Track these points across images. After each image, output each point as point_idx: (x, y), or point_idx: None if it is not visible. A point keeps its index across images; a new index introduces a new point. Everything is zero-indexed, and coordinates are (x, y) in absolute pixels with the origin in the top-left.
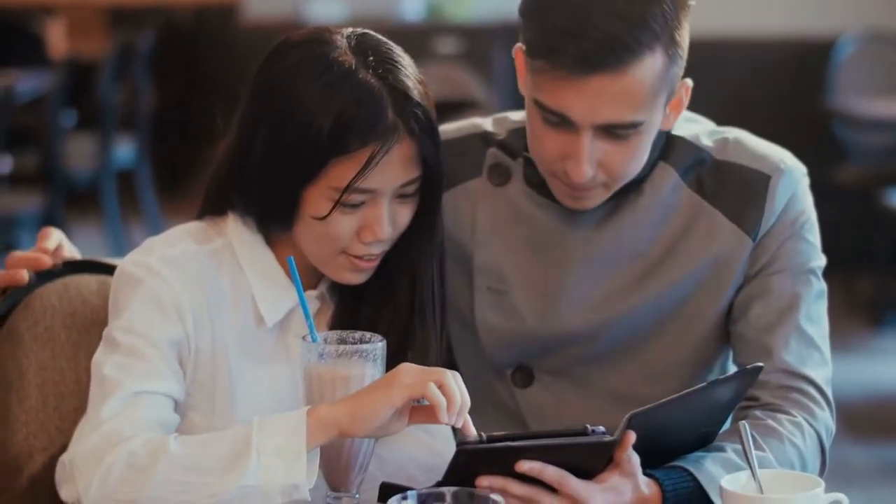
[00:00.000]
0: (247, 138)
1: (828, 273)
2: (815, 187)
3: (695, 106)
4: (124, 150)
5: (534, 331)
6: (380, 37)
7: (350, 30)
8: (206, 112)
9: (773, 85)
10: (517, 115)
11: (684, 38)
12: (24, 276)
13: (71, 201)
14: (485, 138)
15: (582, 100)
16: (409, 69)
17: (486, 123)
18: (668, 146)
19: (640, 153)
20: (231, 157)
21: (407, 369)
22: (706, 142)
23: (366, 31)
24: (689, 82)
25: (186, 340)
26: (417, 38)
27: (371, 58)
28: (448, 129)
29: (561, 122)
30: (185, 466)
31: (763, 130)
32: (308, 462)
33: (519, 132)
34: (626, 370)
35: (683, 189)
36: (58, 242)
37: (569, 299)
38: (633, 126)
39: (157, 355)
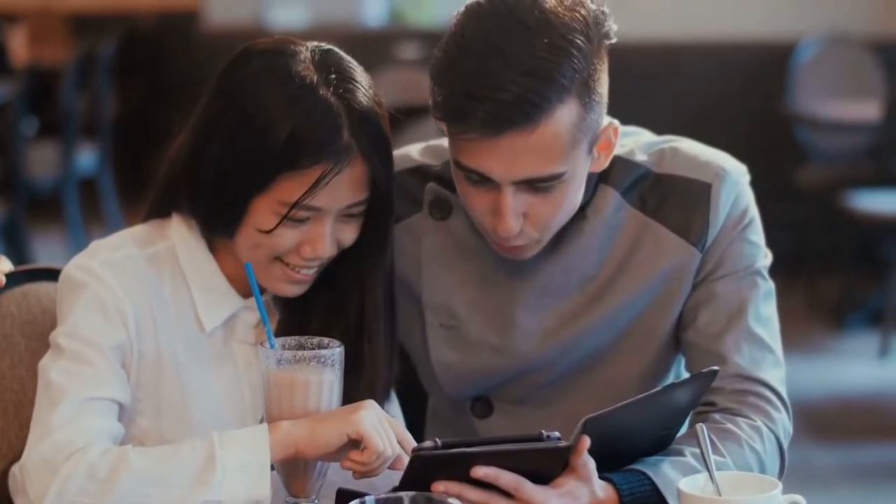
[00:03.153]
0: (203, 140)
1: (791, 275)
2: (777, 190)
3: (656, 111)
4: (86, 157)
5: (490, 365)
6: (343, 54)
7: (315, 44)
8: (169, 119)
9: (735, 88)
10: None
11: (601, 82)
12: (2, 279)
13: (33, 209)
14: (420, 172)
15: (497, 159)
16: (369, 90)
17: (416, 154)
18: (606, 168)
19: (567, 202)
20: (185, 158)
21: (372, 409)
22: (641, 157)
23: (330, 47)
24: (616, 123)
25: (129, 345)
26: (379, 44)
27: (333, 75)
28: None
29: (481, 180)
30: (147, 480)
31: (725, 134)
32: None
33: None
34: (586, 390)
35: (626, 208)
36: (9, 269)
37: (522, 330)
38: (555, 178)
39: (101, 360)
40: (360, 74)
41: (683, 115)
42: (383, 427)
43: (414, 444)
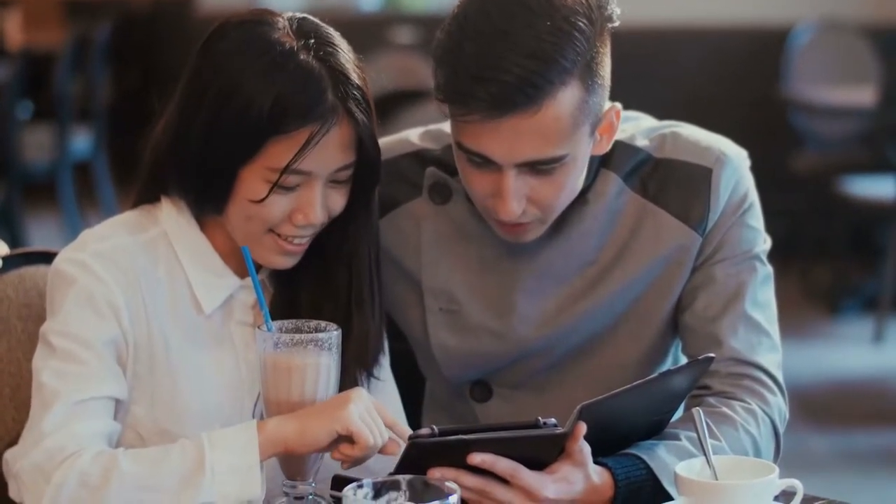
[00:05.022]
0: (187, 116)
1: (785, 260)
2: (772, 176)
3: (651, 96)
4: (81, 141)
5: (490, 349)
6: (318, 21)
7: (290, 13)
8: (163, 103)
9: (730, 73)
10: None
11: (604, 65)
12: None
13: (28, 193)
14: (419, 157)
15: (499, 140)
16: (348, 53)
17: (416, 138)
18: (608, 152)
19: (569, 184)
20: (170, 138)
21: (360, 400)
22: (643, 142)
23: (305, 15)
24: (619, 106)
25: (123, 337)
26: (374, 28)
27: (312, 40)
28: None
29: (484, 162)
30: (138, 485)
31: (719, 119)
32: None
33: None
34: (584, 375)
35: (627, 193)
36: (5, 252)
37: (522, 315)
38: (557, 160)
39: (93, 358)
40: (338, 39)
41: (678, 100)
42: (371, 417)
43: (404, 426)
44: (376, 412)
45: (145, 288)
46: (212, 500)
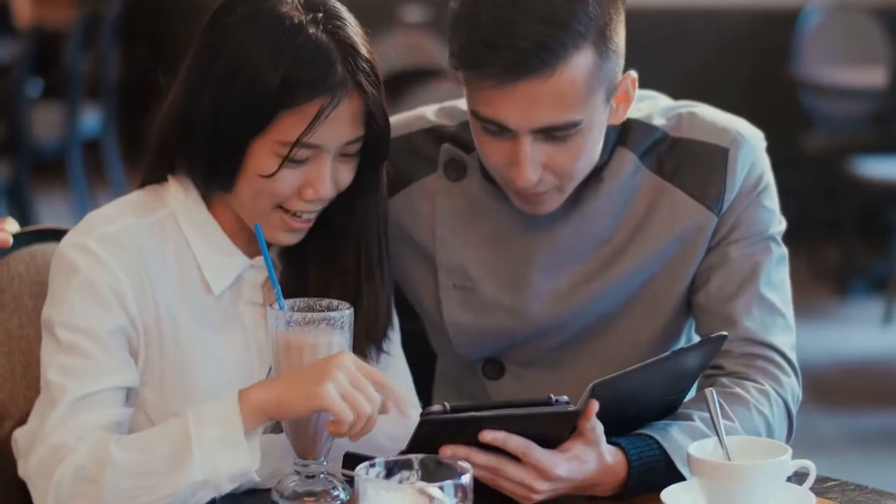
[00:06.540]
0: (195, 92)
1: (794, 241)
2: (781, 156)
3: (662, 76)
4: (91, 118)
5: (503, 326)
6: None
7: None
8: (172, 81)
9: (740, 54)
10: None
11: (618, 32)
12: (9, 238)
13: (37, 170)
14: (435, 133)
15: (514, 106)
16: (356, 27)
17: (432, 115)
18: (624, 130)
19: (585, 152)
20: (177, 115)
21: (340, 371)
22: (659, 121)
23: None
24: (634, 74)
25: (131, 323)
26: (384, 7)
27: (320, 14)
28: (394, 124)
29: (499, 129)
30: (131, 472)
31: (730, 99)
32: (250, 445)
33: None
34: (597, 353)
35: (643, 172)
36: (16, 230)
37: (536, 292)
38: (572, 126)
39: (99, 350)
40: (345, 12)
41: (688, 81)
42: (356, 386)
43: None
44: (363, 377)
45: (153, 270)
46: (203, 476)
